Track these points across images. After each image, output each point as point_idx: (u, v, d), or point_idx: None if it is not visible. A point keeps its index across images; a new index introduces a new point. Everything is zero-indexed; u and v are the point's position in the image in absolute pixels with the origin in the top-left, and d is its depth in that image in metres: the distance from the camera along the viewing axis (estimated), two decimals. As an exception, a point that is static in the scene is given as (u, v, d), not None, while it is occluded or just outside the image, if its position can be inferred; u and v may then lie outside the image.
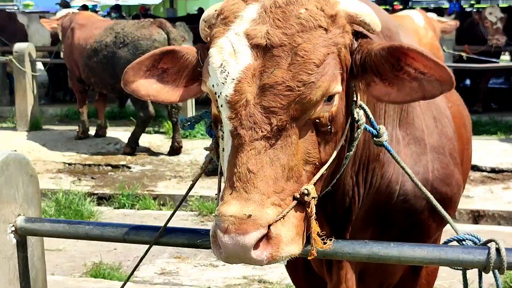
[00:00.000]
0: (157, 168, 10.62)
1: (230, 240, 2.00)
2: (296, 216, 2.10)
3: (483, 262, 2.28)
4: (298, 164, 2.13)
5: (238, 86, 2.11)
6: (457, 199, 3.10)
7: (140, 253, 7.26)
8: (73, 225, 2.72)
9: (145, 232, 2.66)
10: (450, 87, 2.12)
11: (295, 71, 2.08)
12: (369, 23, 2.29)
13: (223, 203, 2.06)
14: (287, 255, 2.06)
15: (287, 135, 2.10)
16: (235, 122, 2.11)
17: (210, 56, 2.19)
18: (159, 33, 10.92)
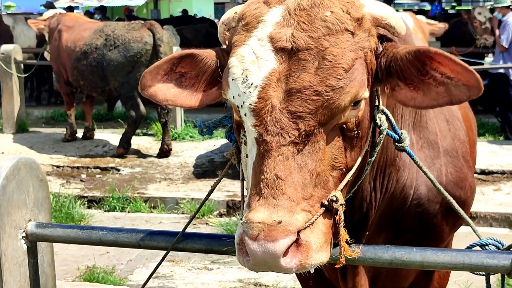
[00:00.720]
0: (146, 170, 10.56)
1: (259, 248, 1.95)
2: (325, 223, 2.07)
3: (508, 267, 2.26)
4: (325, 170, 2.10)
5: (262, 93, 2.06)
6: (471, 202, 3.08)
7: (133, 256, 7.28)
8: (86, 230, 2.67)
9: (160, 238, 2.62)
10: (478, 92, 2.09)
11: (324, 75, 2.04)
12: (395, 26, 2.26)
13: (251, 209, 2.01)
14: (316, 262, 2.02)
15: (315, 141, 2.06)
16: (260, 129, 2.06)
17: (231, 67, 2.14)
18: (150, 35, 10.84)
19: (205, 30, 18.32)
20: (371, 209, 2.63)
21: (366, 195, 2.58)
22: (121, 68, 10.69)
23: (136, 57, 10.68)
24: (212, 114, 12.81)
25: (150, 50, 10.72)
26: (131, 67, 10.66)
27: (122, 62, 10.72)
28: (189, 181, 9.95)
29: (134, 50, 10.68)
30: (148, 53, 10.71)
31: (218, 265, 7.03)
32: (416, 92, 2.19)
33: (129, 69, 10.65)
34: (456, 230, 3.06)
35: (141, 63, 10.64)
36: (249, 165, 2.14)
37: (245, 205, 2.09)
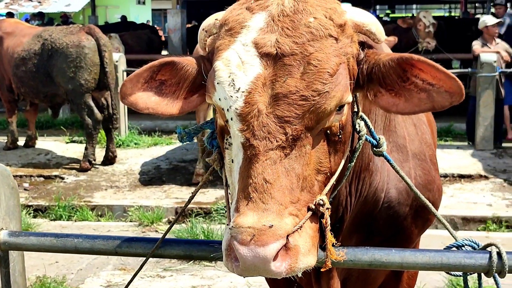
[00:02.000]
0: (92, 178, 10.42)
1: (249, 253, 1.95)
2: (312, 227, 2.09)
3: (485, 266, 2.32)
4: (311, 174, 2.12)
5: (249, 98, 2.07)
6: (439, 204, 3.15)
7: (83, 265, 7.19)
8: (60, 238, 2.63)
9: (137, 244, 2.59)
10: (460, 98, 2.13)
11: (309, 80, 2.07)
12: (375, 32, 2.30)
13: (240, 214, 2.01)
14: (305, 266, 2.04)
15: (302, 145, 2.09)
16: (247, 133, 2.07)
17: (216, 70, 2.14)
18: (89, 39, 10.66)
19: (147, 36, 18.22)
20: (346, 213, 2.66)
21: (342, 200, 2.61)
22: (63, 73, 10.48)
23: (76, 62, 10.46)
24: (155, 120, 12.80)
25: (89, 54, 10.52)
26: (72, 73, 10.45)
27: (61, 67, 10.52)
28: (136, 189, 9.86)
29: (73, 54, 10.48)
30: (87, 58, 10.50)
31: (171, 272, 6.98)
32: (398, 98, 2.23)
33: (71, 75, 10.43)
34: (424, 231, 3.12)
35: (82, 68, 10.46)
36: (235, 170, 2.14)
37: (232, 210, 2.09)
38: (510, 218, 8.37)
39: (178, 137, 2.64)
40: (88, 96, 10.58)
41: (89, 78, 10.49)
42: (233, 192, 2.17)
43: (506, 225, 8.29)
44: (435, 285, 6.31)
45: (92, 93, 10.68)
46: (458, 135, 13.15)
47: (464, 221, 8.42)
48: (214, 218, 8.55)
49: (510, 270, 2.31)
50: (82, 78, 10.44)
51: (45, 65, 10.67)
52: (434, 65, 2.16)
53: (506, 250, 2.33)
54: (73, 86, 10.49)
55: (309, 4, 2.18)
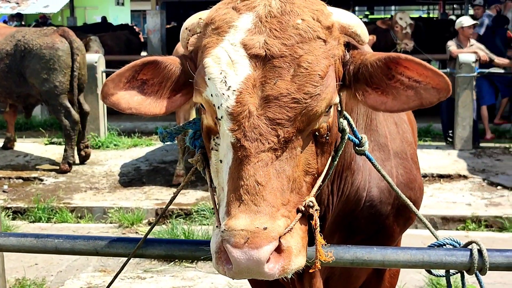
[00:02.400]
0: (71, 180, 10.35)
1: (243, 255, 1.94)
2: (302, 228, 2.09)
3: (466, 264, 2.34)
4: (300, 176, 2.12)
5: (240, 97, 2.06)
6: (420, 202, 3.17)
7: (62, 267, 7.15)
8: (41, 239, 2.60)
9: (118, 245, 2.57)
10: (447, 94, 2.15)
11: (300, 83, 2.07)
12: (360, 34, 2.31)
13: (232, 216, 2.00)
14: (296, 267, 2.03)
15: (292, 147, 2.09)
16: (238, 134, 2.06)
17: (206, 66, 2.12)
18: (62, 41, 10.60)
19: (126, 37, 18.15)
20: (328, 212, 2.67)
21: (324, 199, 2.61)
22: (36, 74, 10.41)
23: (49, 64, 10.40)
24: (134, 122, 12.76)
25: (63, 56, 10.47)
26: (46, 74, 10.37)
27: (34, 68, 10.45)
28: (116, 190, 9.82)
29: (46, 56, 10.40)
30: (61, 60, 10.46)
31: (151, 273, 6.96)
32: (385, 97, 2.24)
33: (45, 76, 10.36)
34: (405, 230, 3.14)
35: (55, 70, 10.41)
36: (224, 170, 2.13)
37: (222, 212, 2.07)
38: (489, 217, 8.44)
39: (160, 137, 2.62)
40: (63, 98, 10.52)
41: (63, 80, 10.45)
42: (221, 193, 2.16)
43: (485, 224, 8.35)
44: (415, 285, 6.35)
45: (68, 95, 10.63)
46: (437, 135, 13.22)
47: (443, 220, 8.47)
48: (194, 219, 8.54)
49: (491, 267, 2.33)
50: (56, 80, 10.38)
51: (18, 65, 10.57)
52: (421, 62, 2.17)
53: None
54: (48, 88, 10.44)
55: (296, 6, 2.17)
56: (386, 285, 3.37)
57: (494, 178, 10.04)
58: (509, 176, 10.10)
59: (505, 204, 8.87)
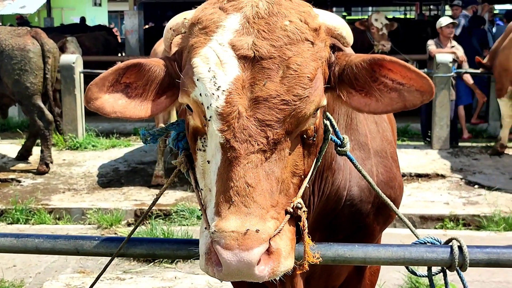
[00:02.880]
0: (49, 181, 10.28)
1: (234, 257, 1.93)
2: (290, 230, 2.09)
3: (447, 260, 2.35)
4: (288, 177, 2.13)
5: (229, 98, 2.05)
6: (400, 201, 3.19)
7: (41, 269, 7.11)
8: (21, 238, 2.58)
9: (99, 244, 2.55)
10: (430, 96, 2.17)
11: (290, 84, 2.06)
12: (345, 36, 2.32)
13: (222, 218, 1.99)
14: (285, 269, 2.03)
15: (281, 148, 2.09)
16: (227, 134, 2.05)
17: (195, 66, 2.11)
18: (34, 43, 10.54)
19: (103, 37, 18.05)
20: (310, 212, 2.66)
21: (306, 199, 2.59)
22: (8, 75, 10.34)
23: (20, 65, 10.34)
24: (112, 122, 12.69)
25: (34, 58, 10.42)
26: (17, 75, 10.30)
27: (8, 69, 10.37)
28: (94, 191, 9.77)
29: (18, 57, 10.34)
30: (32, 62, 10.40)
31: (131, 274, 6.94)
32: (369, 98, 2.25)
33: (16, 77, 10.28)
34: (385, 228, 3.15)
35: (26, 71, 10.35)
36: (213, 171, 2.12)
37: (211, 213, 2.06)
38: (467, 216, 8.51)
39: (142, 139, 2.59)
40: (36, 98, 10.46)
41: (35, 81, 10.40)
42: (208, 194, 2.15)
43: (463, 223, 8.43)
44: (395, 283, 6.38)
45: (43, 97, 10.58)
46: (415, 135, 13.32)
47: (422, 219, 8.53)
48: (174, 219, 8.53)
49: (471, 263, 2.34)
50: (27, 81, 10.33)
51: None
52: (405, 65, 2.19)
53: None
54: (19, 89, 10.40)
55: (283, 7, 2.17)
56: (366, 283, 3.38)
57: (472, 177, 10.12)
58: (486, 175, 10.19)
59: (482, 203, 8.94)
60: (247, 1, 2.20)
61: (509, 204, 8.78)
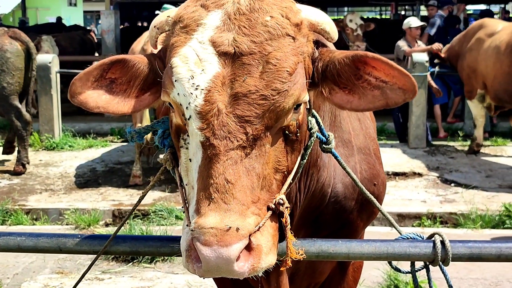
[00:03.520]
0: (26, 181, 10.20)
1: (212, 253, 1.93)
2: (272, 226, 2.09)
3: (430, 255, 2.37)
4: (270, 173, 2.12)
5: (208, 96, 2.05)
6: (383, 197, 3.20)
7: (19, 269, 7.05)
8: (2, 237, 2.56)
9: (82, 242, 2.54)
10: (413, 95, 2.17)
11: (269, 79, 2.06)
12: (329, 31, 2.32)
13: (201, 215, 1.99)
14: (266, 265, 2.03)
15: (261, 144, 2.08)
16: (207, 132, 2.05)
17: (174, 67, 2.11)
18: (12, 43, 10.46)
19: (79, 37, 17.97)
20: (296, 209, 2.67)
21: (292, 196, 2.61)
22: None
23: None
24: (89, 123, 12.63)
25: (11, 59, 10.34)
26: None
27: None
28: (72, 192, 9.71)
29: (-5, 57, 10.30)
30: (9, 62, 10.32)
31: (110, 274, 6.90)
32: (351, 96, 2.26)
33: (-8, 78, 10.27)
34: (368, 224, 3.17)
35: (3, 71, 10.27)
36: (194, 169, 2.12)
37: (192, 210, 2.07)
38: (444, 214, 8.58)
39: (128, 137, 2.59)
40: (13, 99, 10.39)
41: (12, 81, 10.32)
42: (191, 192, 2.15)
43: (440, 221, 8.49)
44: (374, 280, 6.41)
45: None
46: (391, 134, 13.40)
47: (399, 217, 8.57)
48: (152, 219, 8.50)
49: (453, 258, 2.37)
50: (4, 81, 10.25)
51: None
52: (388, 62, 2.18)
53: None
54: (-5, 89, 10.31)
55: (265, 3, 2.17)
56: (349, 279, 3.40)
57: (448, 175, 10.21)
58: (462, 174, 10.29)
59: (459, 200, 9.02)
60: None
61: (485, 201, 8.87)
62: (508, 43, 10.15)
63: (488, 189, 9.47)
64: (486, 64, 10.64)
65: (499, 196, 9.14)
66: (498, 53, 10.32)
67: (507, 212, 8.31)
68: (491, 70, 10.48)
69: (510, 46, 10.08)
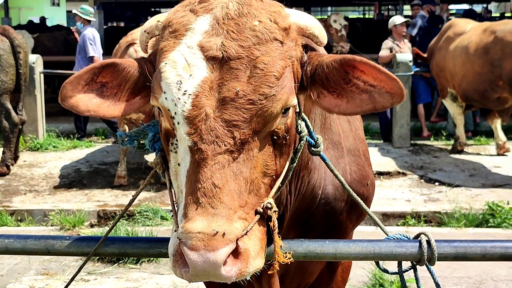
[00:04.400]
0: (10, 182, 10.16)
1: (199, 258, 1.94)
2: (260, 230, 2.10)
3: (416, 255, 2.39)
4: (258, 177, 2.13)
5: (196, 101, 2.06)
6: (372, 198, 3.22)
7: (4, 271, 7.01)
8: (-10, 239, 2.57)
9: (71, 244, 2.54)
10: (400, 99, 2.17)
11: (256, 84, 2.07)
12: (318, 35, 2.33)
13: (188, 219, 2.00)
14: (254, 269, 2.04)
15: (249, 148, 2.09)
16: (194, 137, 2.06)
17: (162, 71, 2.12)
18: (3, 40, 10.46)
19: (63, 37, 17.89)
20: (287, 211, 2.68)
21: (283, 199, 2.62)
22: (-25, 74, 10.23)
23: None
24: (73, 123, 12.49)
25: (4, 55, 10.33)
26: (-17, 74, 10.24)
27: None
28: (56, 192, 9.69)
29: (-13, 55, 10.27)
30: (2, 59, 10.33)
31: (95, 276, 6.89)
32: (340, 100, 2.26)
33: (-17, 76, 10.23)
34: (357, 225, 3.19)
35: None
36: (182, 173, 2.13)
37: (180, 215, 2.08)
38: (428, 212, 8.64)
39: (119, 141, 2.60)
40: (5, 98, 10.36)
41: (5, 79, 10.29)
42: (180, 196, 2.16)
43: (424, 220, 8.54)
44: (359, 280, 6.44)
45: (11, 95, 10.45)
46: (375, 134, 13.47)
47: (384, 216, 8.61)
48: (137, 220, 8.50)
49: (439, 257, 2.39)
50: None
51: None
52: (375, 66, 2.19)
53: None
54: (-14, 88, 10.25)
55: (253, 8, 2.19)
56: (338, 279, 3.42)
57: (432, 174, 10.28)
58: (446, 173, 10.35)
59: (443, 199, 9.08)
60: (218, 2, 2.21)
61: (469, 200, 8.93)
62: (479, 44, 10.22)
63: (471, 188, 9.54)
64: (454, 63, 10.75)
65: (483, 195, 9.21)
66: (467, 53, 10.41)
67: (490, 211, 8.37)
68: (460, 70, 10.57)
69: (481, 47, 10.14)
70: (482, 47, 10.11)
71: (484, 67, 10.00)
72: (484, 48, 10.07)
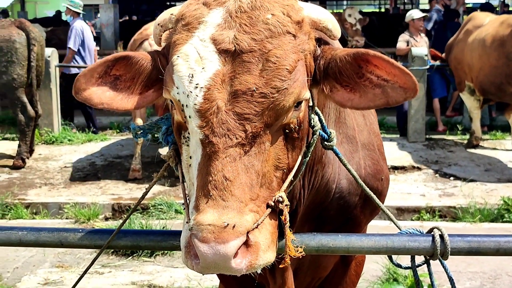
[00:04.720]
0: (25, 175, 10.22)
1: (210, 250, 1.95)
2: (271, 223, 2.10)
3: (429, 249, 2.38)
4: (270, 171, 2.13)
5: (208, 94, 2.06)
6: (386, 193, 3.21)
7: (19, 263, 7.07)
8: (4, 231, 2.57)
9: (83, 236, 2.55)
10: (414, 94, 2.16)
11: (268, 77, 2.07)
12: (331, 29, 2.32)
13: (200, 212, 2.00)
14: (264, 262, 2.04)
15: (261, 142, 2.09)
16: (206, 130, 2.06)
17: (175, 64, 2.12)
18: (19, 33, 10.50)
19: (79, 31, 17.88)
20: (300, 205, 2.67)
21: (296, 193, 2.61)
22: (-7, 67, 10.29)
23: (7, 57, 10.31)
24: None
25: (20, 49, 10.38)
26: (4, 67, 10.29)
27: None
28: (71, 185, 9.73)
29: (4, 49, 10.32)
30: (19, 52, 10.36)
31: (109, 268, 6.92)
32: (353, 94, 2.25)
33: (2, 69, 10.28)
34: (371, 220, 3.19)
35: (13, 62, 10.32)
36: (194, 166, 2.13)
37: (191, 207, 2.08)
38: (442, 207, 8.60)
39: (132, 133, 2.61)
40: (21, 91, 10.42)
41: (21, 72, 10.36)
42: (191, 189, 2.17)
43: (439, 214, 8.52)
44: (373, 274, 6.43)
45: (26, 89, 10.51)
46: (390, 128, 13.42)
47: (398, 211, 8.59)
48: (152, 213, 8.52)
49: (452, 252, 2.38)
50: (14, 72, 10.28)
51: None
52: (389, 60, 2.18)
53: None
54: (5, 81, 10.33)
55: (266, 1, 2.18)
56: (352, 273, 3.42)
57: (447, 169, 10.23)
58: (461, 167, 10.30)
59: (458, 194, 9.04)
60: None
61: (484, 195, 8.89)
62: (495, 36, 10.14)
63: (487, 183, 9.49)
64: (472, 56, 10.68)
65: (498, 189, 9.16)
66: (484, 46, 10.33)
67: (506, 206, 8.33)
68: (477, 62, 10.50)
69: (497, 40, 10.07)
70: (499, 40, 10.03)
71: (500, 60, 9.93)
72: (500, 41, 10.00)
